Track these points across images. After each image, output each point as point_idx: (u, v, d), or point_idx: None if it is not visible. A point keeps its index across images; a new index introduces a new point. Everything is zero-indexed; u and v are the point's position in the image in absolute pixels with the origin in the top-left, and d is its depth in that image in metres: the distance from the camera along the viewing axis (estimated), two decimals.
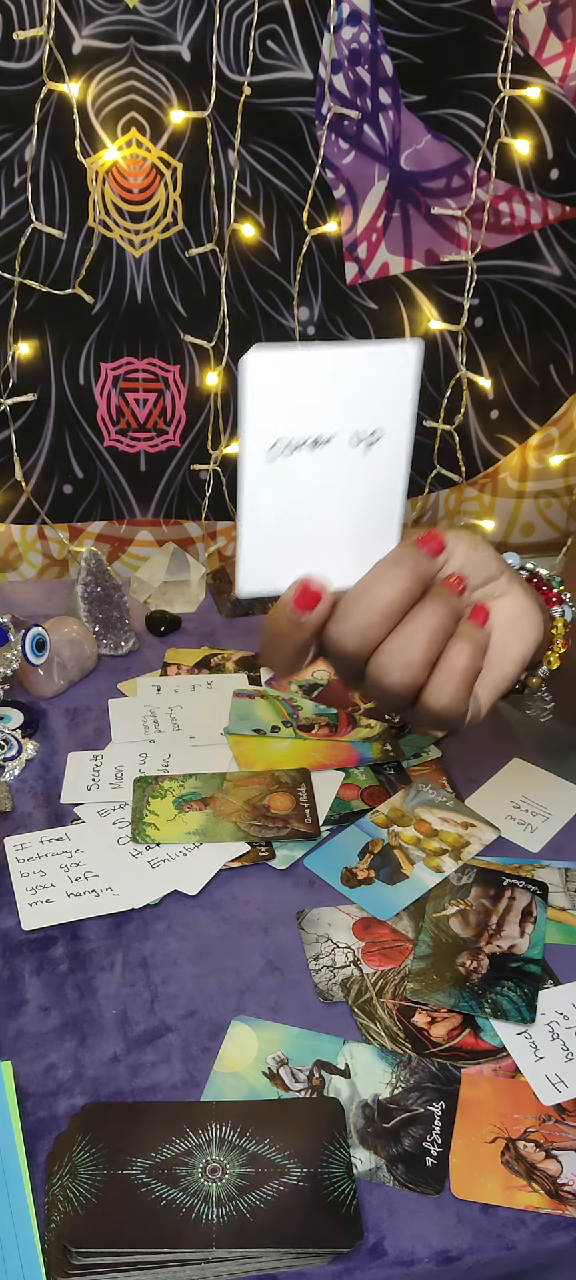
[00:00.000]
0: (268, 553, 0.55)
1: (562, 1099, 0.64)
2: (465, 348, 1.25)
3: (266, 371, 0.51)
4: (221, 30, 1.09)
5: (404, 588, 0.55)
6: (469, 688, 0.57)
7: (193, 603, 1.20)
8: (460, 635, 0.57)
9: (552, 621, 0.66)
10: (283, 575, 0.56)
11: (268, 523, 0.54)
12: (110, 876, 0.79)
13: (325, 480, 0.54)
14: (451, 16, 1.12)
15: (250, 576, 0.55)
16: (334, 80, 1.13)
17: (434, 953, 0.74)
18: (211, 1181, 0.57)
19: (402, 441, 0.55)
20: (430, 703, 0.56)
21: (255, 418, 0.52)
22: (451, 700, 0.56)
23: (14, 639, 0.99)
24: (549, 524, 1.37)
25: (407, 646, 0.55)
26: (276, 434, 0.52)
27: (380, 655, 0.55)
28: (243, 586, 0.55)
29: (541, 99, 1.15)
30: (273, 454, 0.53)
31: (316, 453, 0.54)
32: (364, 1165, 0.60)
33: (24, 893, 0.77)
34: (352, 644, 0.55)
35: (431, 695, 0.56)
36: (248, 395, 0.51)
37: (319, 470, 0.54)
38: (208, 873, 0.80)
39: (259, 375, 0.51)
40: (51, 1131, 0.61)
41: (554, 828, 0.87)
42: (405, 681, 0.55)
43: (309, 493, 0.54)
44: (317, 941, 0.75)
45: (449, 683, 0.56)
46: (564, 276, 1.24)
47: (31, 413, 1.20)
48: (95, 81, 1.09)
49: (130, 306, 1.17)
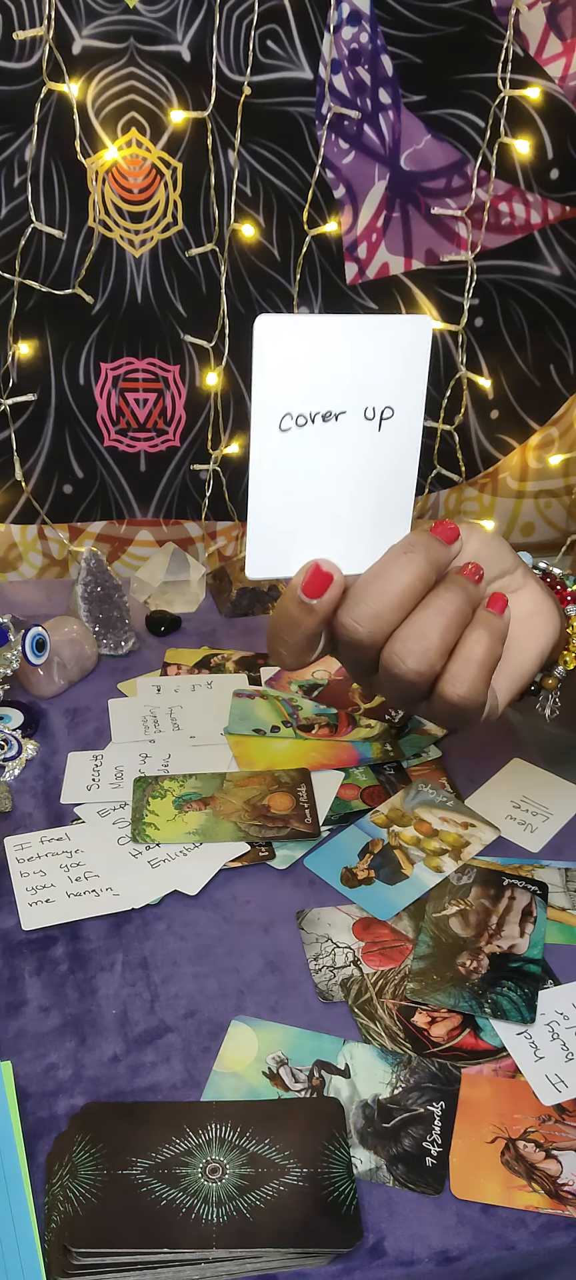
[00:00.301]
0: (277, 534, 0.53)
1: (562, 1099, 0.64)
2: (465, 348, 1.25)
3: (277, 337, 0.50)
4: (221, 30, 1.09)
5: (418, 573, 0.53)
6: (487, 677, 0.55)
7: (193, 603, 1.20)
8: (478, 622, 0.55)
9: (568, 621, 0.65)
10: (292, 559, 0.54)
11: (277, 501, 0.53)
12: (110, 876, 0.79)
13: (337, 457, 0.53)
14: (451, 16, 1.12)
15: (259, 559, 0.53)
16: (334, 80, 1.13)
17: (434, 953, 0.74)
18: (211, 1181, 0.57)
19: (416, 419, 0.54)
20: (447, 692, 0.54)
21: (265, 387, 0.50)
22: (469, 690, 0.54)
23: (14, 639, 0.99)
24: (549, 524, 1.37)
25: (424, 633, 0.53)
26: (287, 404, 0.51)
27: (395, 642, 0.53)
28: (251, 570, 0.54)
29: (541, 99, 1.15)
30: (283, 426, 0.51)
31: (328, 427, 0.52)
32: (364, 1165, 0.60)
33: (24, 893, 0.77)
34: (365, 631, 0.53)
35: (448, 684, 0.54)
36: (258, 361, 0.50)
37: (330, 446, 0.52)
38: (208, 873, 0.80)
39: (269, 340, 0.49)
40: (51, 1131, 0.61)
41: (554, 828, 0.87)
42: (421, 669, 0.53)
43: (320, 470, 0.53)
44: (317, 941, 0.75)
45: (467, 670, 0.54)
46: (564, 276, 1.24)
47: (31, 413, 1.20)
48: (95, 81, 1.09)
49: (130, 306, 1.17)
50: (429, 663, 0.53)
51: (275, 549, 0.54)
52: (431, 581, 0.54)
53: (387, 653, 0.53)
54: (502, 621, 0.56)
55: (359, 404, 0.52)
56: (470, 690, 0.54)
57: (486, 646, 0.54)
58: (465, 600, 0.54)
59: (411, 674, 0.53)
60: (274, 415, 0.51)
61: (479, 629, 0.54)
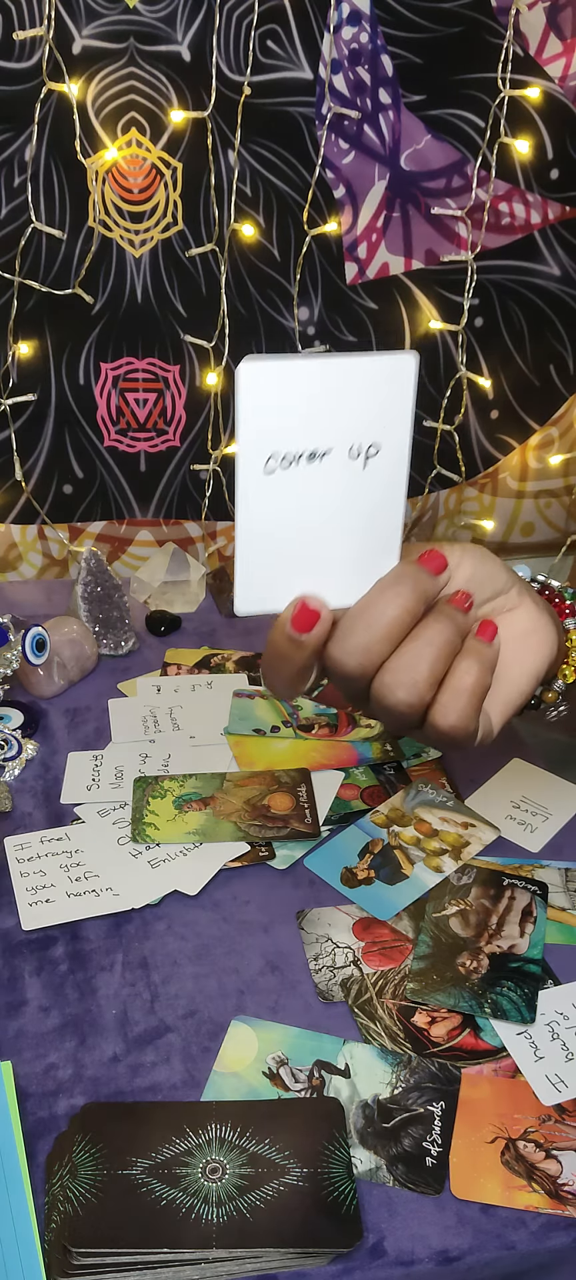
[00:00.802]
0: (265, 571, 0.54)
1: (562, 1099, 0.64)
2: (465, 348, 1.25)
3: (260, 382, 0.50)
4: (221, 30, 1.09)
5: (406, 605, 0.54)
6: (477, 706, 0.55)
7: (193, 603, 1.20)
8: (467, 652, 0.55)
9: (567, 635, 0.65)
10: (281, 594, 0.54)
11: (264, 540, 0.53)
12: (110, 876, 0.79)
13: (323, 495, 0.53)
14: (451, 16, 1.12)
15: (247, 597, 0.54)
16: (334, 80, 1.13)
17: (434, 953, 0.74)
18: (211, 1181, 0.57)
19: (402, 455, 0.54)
20: (438, 721, 0.55)
21: (249, 430, 0.51)
22: (459, 719, 0.55)
23: (14, 639, 0.99)
24: (549, 524, 1.37)
25: (412, 665, 0.54)
26: (272, 447, 0.52)
27: (384, 674, 0.54)
28: (240, 606, 0.54)
29: (541, 99, 1.15)
30: (268, 468, 0.52)
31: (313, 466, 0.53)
32: (364, 1165, 0.60)
33: (24, 893, 0.77)
34: (355, 664, 0.54)
35: (438, 714, 0.55)
36: (242, 406, 0.51)
37: (316, 485, 0.53)
38: (208, 873, 0.80)
39: (253, 386, 0.50)
40: (51, 1131, 0.61)
41: (554, 828, 0.87)
42: (411, 700, 0.54)
43: (306, 509, 0.53)
44: (317, 941, 0.75)
45: (457, 700, 0.54)
46: (564, 276, 1.24)
47: (31, 413, 1.20)
48: (95, 81, 1.09)
49: (130, 306, 1.17)
50: (419, 694, 0.54)
51: (263, 585, 0.54)
52: (419, 613, 0.55)
53: (378, 684, 0.54)
54: (491, 650, 0.57)
55: (344, 443, 0.53)
56: (460, 719, 0.55)
57: (475, 676, 0.55)
58: (453, 630, 0.55)
59: (402, 705, 0.54)
60: (259, 457, 0.52)
61: (468, 658, 0.55)
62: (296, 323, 1.21)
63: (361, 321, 1.22)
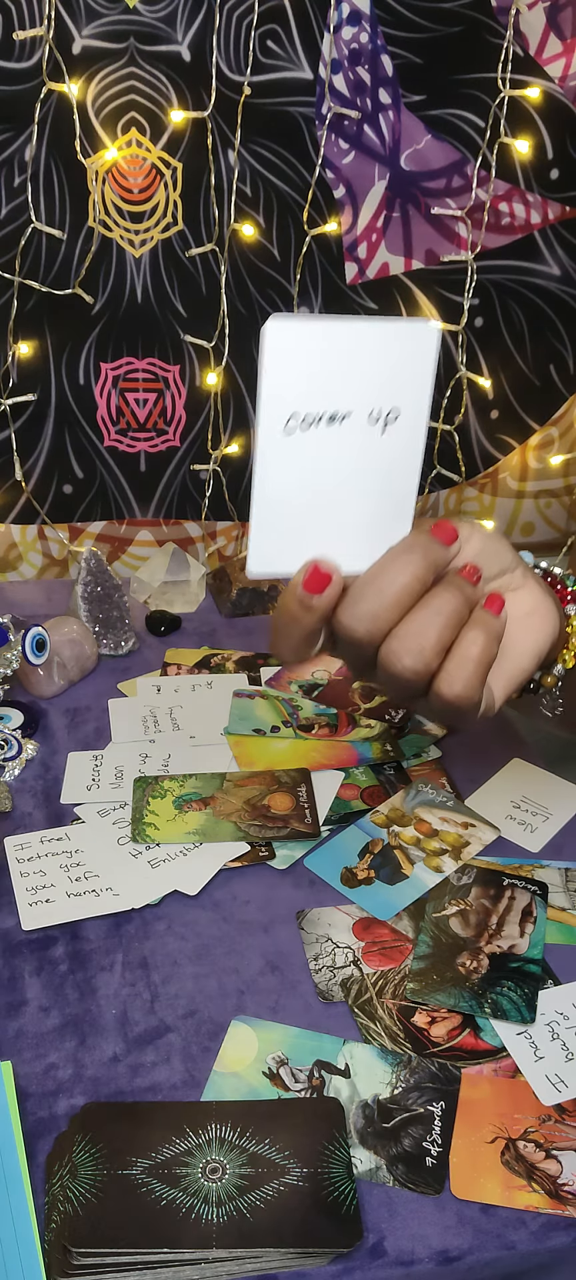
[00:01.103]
0: (279, 532, 0.54)
1: (562, 1099, 0.64)
2: (465, 348, 1.25)
3: (285, 339, 0.51)
4: (221, 30, 1.09)
5: (416, 574, 0.54)
6: (483, 676, 0.55)
7: (193, 603, 1.20)
8: (474, 622, 0.56)
9: (568, 620, 0.65)
10: (294, 557, 0.55)
11: (280, 501, 0.53)
12: (110, 876, 0.79)
13: (340, 459, 0.54)
14: (451, 16, 1.12)
15: (260, 556, 0.54)
16: (334, 80, 1.13)
17: (434, 953, 0.74)
18: (211, 1181, 0.57)
19: (420, 423, 0.54)
20: (443, 690, 0.55)
21: (272, 387, 0.51)
22: (464, 688, 0.55)
23: (14, 639, 0.99)
24: (549, 524, 1.37)
25: (420, 632, 0.54)
26: (293, 406, 0.52)
27: (392, 641, 0.54)
28: (252, 566, 0.54)
29: (541, 99, 1.15)
30: (289, 428, 0.52)
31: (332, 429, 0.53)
32: (364, 1165, 0.60)
33: (24, 893, 0.77)
34: (364, 629, 0.54)
35: (444, 682, 0.55)
36: (265, 363, 0.51)
37: (334, 448, 0.53)
38: (207, 873, 0.80)
39: (278, 343, 0.51)
40: (51, 1131, 0.61)
41: (554, 828, 0.87)
42: (417, 668, 0.54)
43: (323, 471, 0.54)
44: (317, 941, 0.75)
45: (462, 669, 0.55)
46: (564, 276, 1.24)
47: (31, 413, 1.20)
48: (95, 81, 1.09)
49: (130, 306, 1.17)
50: (425, 661, 0.54)
51: (277, 546, 0.54)
52: (429, 581, 0.55)
53: (385, 651, 0.54)
54: (499, 621, 0.57)
55: (364, 407, 0.53)
56: (465, 688, 0.55)
57: (482, 646, 0.55)
58: (462, 600, 0.55)
59: (408, 672, 0.54)
60: (280, 416, 0.52)
61: (475, 629, 0.55)
62: None
63: None
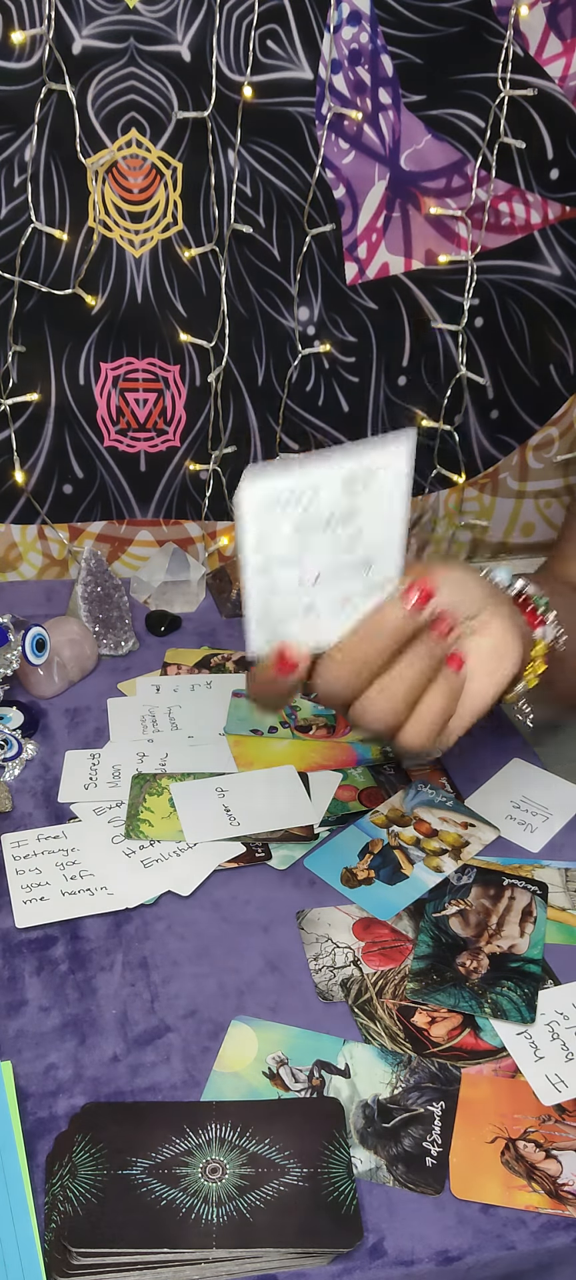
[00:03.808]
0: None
1: (562, 1099, 0.64)
2: (465, 348, 1.25)
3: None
4: (221, 30, 1.09)
5: (385, 647, 0.59)
6: (440, 728, 0.61)
7: (193, 603, 1.20)
8: (437, 680, 0.61)
9: (534, 644, 0.69)
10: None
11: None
12: (104, 875, 0.79)
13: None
14: (451, 16, 1.12)
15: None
16: (334, 80, 1.12)
17: (434, 953, 0.74)
18: (211, 1181, 0.57)
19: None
20: (406, 740, 0.61)
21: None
22: (424, 740, 0.61)
23: (14, 639, 0.99)
24: (549, 524, 1.37)
25: (389, 696, 0.59)
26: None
27: (364, 701, 0.60)
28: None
29: (541, 99, 1.15)
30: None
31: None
32: (364, 1165, 0.60)
33: (19, 890, 0.77)
34: (337, 695, 0.60)
35: (407, 735, 0.61)
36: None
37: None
38: (201, 873, 0.80)
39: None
40: (51, 1131, 0.61)
41: (554, 828, 0.87)
42: (388, 723, 0.60)
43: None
44: (317, 941, 0.75)
45: (422, 725, 0.60)
46: (564, 276, 1.24)
47: (31, 413, 1.20)
48: (95, 81, 1.09)
49: (130, 306, 1.17)
50: (395, 717, 0.60)
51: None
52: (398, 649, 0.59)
53: (358, 709, 0.60)
54: (459, 680, 0.62)
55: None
56: (426, 740, 0.61)
57: (442, 705, 0.61)
58: (429, 663, 0.60)
59: (378, 726, 0.60)
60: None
61: (436, 688, 0.61)
62: (296, 323, 1.21)
63: (361, 322, 1.22)
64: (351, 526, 0.58)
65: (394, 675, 0.59)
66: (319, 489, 0.57)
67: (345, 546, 0.58)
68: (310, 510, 0.57)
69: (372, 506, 0.58)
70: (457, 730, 0.64)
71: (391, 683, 0.59)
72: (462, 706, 0.63)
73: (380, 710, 0.59)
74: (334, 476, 0.57)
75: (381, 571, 0.59)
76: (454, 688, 0.61)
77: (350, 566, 0.59)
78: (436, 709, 0.60)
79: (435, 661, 0.60)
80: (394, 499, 0.58)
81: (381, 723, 0.60)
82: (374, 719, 0.60)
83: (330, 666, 0.59)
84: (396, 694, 0.59)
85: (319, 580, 0.59)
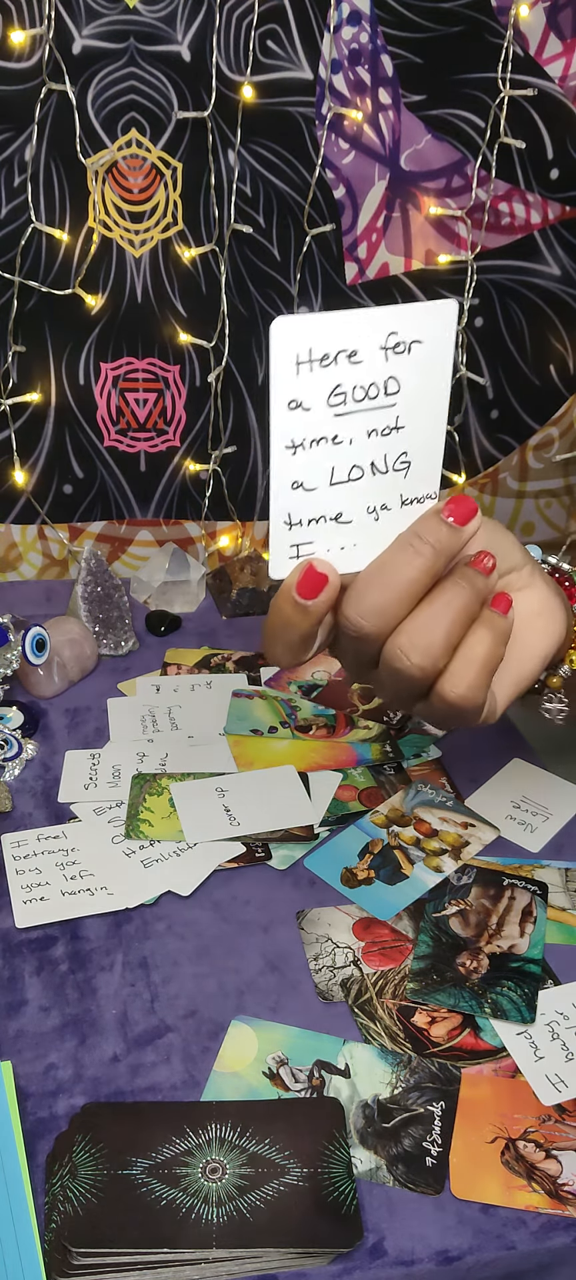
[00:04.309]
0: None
1: (562, 1099, 0.64)
2: (465, 348, 1.25)
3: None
4: (221, 30, 1.09)
5: (425, 566, 0.51)
6: (488, 677, 0.53)
7: (193, 603, 1.20)
8: (482, 621, 0.53)
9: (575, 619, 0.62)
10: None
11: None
12: (104, 876, 0.79)
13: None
14: (451, 16, 1.12)
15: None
16: (334, 80, 1.12)
17: (434, 953, 0.74)
18: (211, 1181, 0.57)
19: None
20: (446, 690, 0.52)
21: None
22: (469, 689, 0.52)
23: (14, 639, 0.99)
24: (549, 524, 1.37)
25: (429, 628, 0.51)
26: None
27: (398, 636, 0.51)
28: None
29: (541, 99, 1.15)
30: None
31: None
32: (364, 1165, 0.60)
33: (19, 890, 0.77)
34: (370, 625, 0.51)
35: (448, 683, 0.52)
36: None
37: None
38: (201, 873, 0.80)
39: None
40: (51, 1131, 0.61)
41: (554, 828, 0.87)
42: (424, 666, 0.51)
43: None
44: (317, 941, 0.75)
45: (468, 670, 0.52)
46: (564, 276, 1.24)
47: (31, 413, 1.20)
48: (95, 81, 1.09)
49: (130, 306, 1.17)
50: (432, 659, 0.52)
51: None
52: (439, 572, 0.52)
53: (391, 646, 0.52)
54: (506, 622, 0.54)
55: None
56: (469, 690, 0.52)
57: (488, 646, 0.52)
58: (472, 596, 0.52)
59: (414, 669, 0.52)
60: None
61: (482, 628, 0.53)
62: None
63: None
64: (390, 410, 0.50)
65: (435, 605, 0.51)
66: (358, 348, 0.49)
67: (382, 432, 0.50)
68: (348, 374, 0.49)
69: (413, 384, 0.50)
70: (508, 693, 0.56)
71: (432, 614, 0.51)
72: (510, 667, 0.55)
73: (417, 645, 0.51)
74: (374, 335, 0.49)
75: (419, 476, 0.52)
76: (500, 631, 0.53)
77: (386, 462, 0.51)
78: (481, 653, 0.52)
79: (478, 597, 0.52)
80: (435, 376, 0.50)
81: (418, 665, 0.51)
82: (409, 658, 0.51)
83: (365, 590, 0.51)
84: (437, 628, 0.51)
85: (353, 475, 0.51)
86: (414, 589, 0.51)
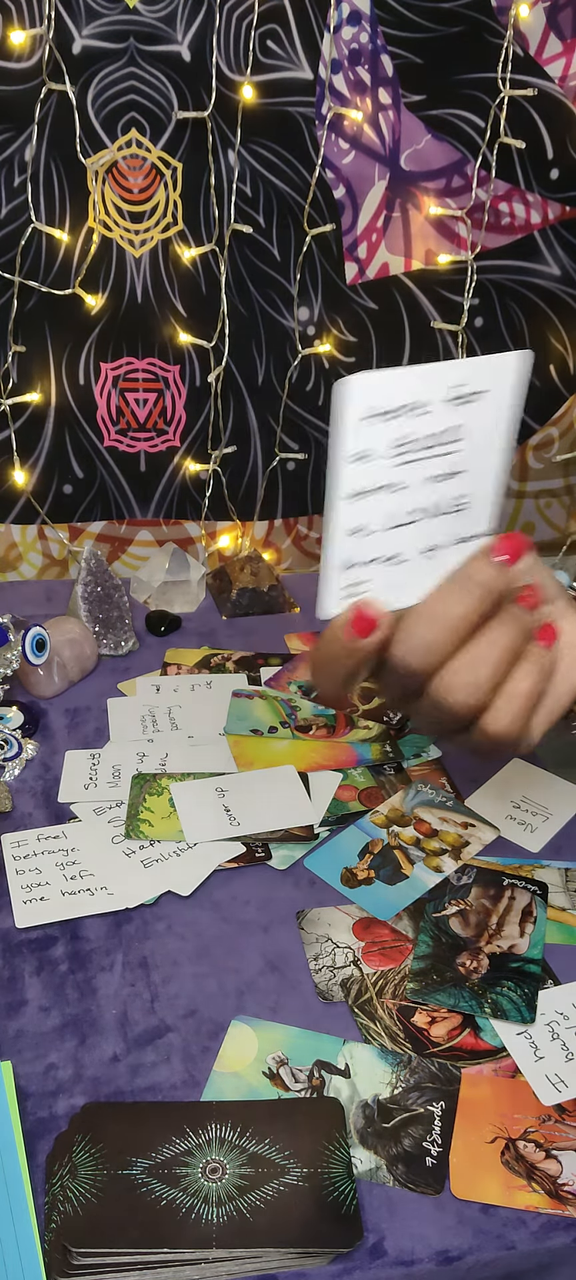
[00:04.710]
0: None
1: (562, 1099, 0.64)
2: (465, 348, 1.25)
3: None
4: (221, 30, 1.09)
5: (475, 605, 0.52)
6: (530, 712, 0.54)
7: (193, 603, 1.20)
8: (527, 656, 0.53)
9: None
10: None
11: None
12: (104, 875, 0.79)
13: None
14: (451, 16, 1.12)
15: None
16: (334, 80, 1.12)
17: (434, 953, 0.74)
18: (211, 1181, 0.57)
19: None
20: (488, 725, 0.53)
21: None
22: (511, 724, 0.53)
23: (14, 639, 0.99)
24: (549, 524, 1.37)
25: (476, 666, 0.52)
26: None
27: (445, 674, 0.52)
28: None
29: (541, 99, 1.15)
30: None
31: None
32: (364, 1165, 0.60)
33: (19, 890, 0.77)
34: (417, 661, 0.52)
35: (491, 717, 0.53)
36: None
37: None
38: (201, 873, 0.80)
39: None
40: (51, 1131, 0.61)
41: (554, 828, 0.87)
42: (470, 703, 0.52)
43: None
44: (317, 941, 0.75)
45: (511, 706, 0.53)
46: (564, 276, 1.24)
47: (31, 413, 1.20)
48: (95, 81, 1.09)
49: (130, 306, 1.17)
50: (478, 697, 0.52)
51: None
52: (488, 610, 0.52)
53: (438, 683, 0.52)
54: (550, 657, 0.54)
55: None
56: (512, 725, 0.53)
57: (532, 682, 0.53)
58: (519, 633, 0.53)
59: (459, 706, 0.52)
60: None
61: (527, 663, 0.53)
62: (296, 323, 1.21)
63: (361, 321, 1.22)
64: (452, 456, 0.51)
65: (482, 643, 0.52)
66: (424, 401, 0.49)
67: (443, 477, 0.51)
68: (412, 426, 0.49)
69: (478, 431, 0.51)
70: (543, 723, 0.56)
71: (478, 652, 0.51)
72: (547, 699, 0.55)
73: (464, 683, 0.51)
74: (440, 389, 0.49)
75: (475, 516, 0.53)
76: (544, 667, 0.53)
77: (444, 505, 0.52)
78: (525, 689, 0.53)
79: (524, 634, 0.53)
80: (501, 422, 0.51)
81: (464, 703, 0.52)
82: (456, 696, 0.52)
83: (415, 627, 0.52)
84: (484, 666, 0.51)
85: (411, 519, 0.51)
86: (462, 627, 0.52)
